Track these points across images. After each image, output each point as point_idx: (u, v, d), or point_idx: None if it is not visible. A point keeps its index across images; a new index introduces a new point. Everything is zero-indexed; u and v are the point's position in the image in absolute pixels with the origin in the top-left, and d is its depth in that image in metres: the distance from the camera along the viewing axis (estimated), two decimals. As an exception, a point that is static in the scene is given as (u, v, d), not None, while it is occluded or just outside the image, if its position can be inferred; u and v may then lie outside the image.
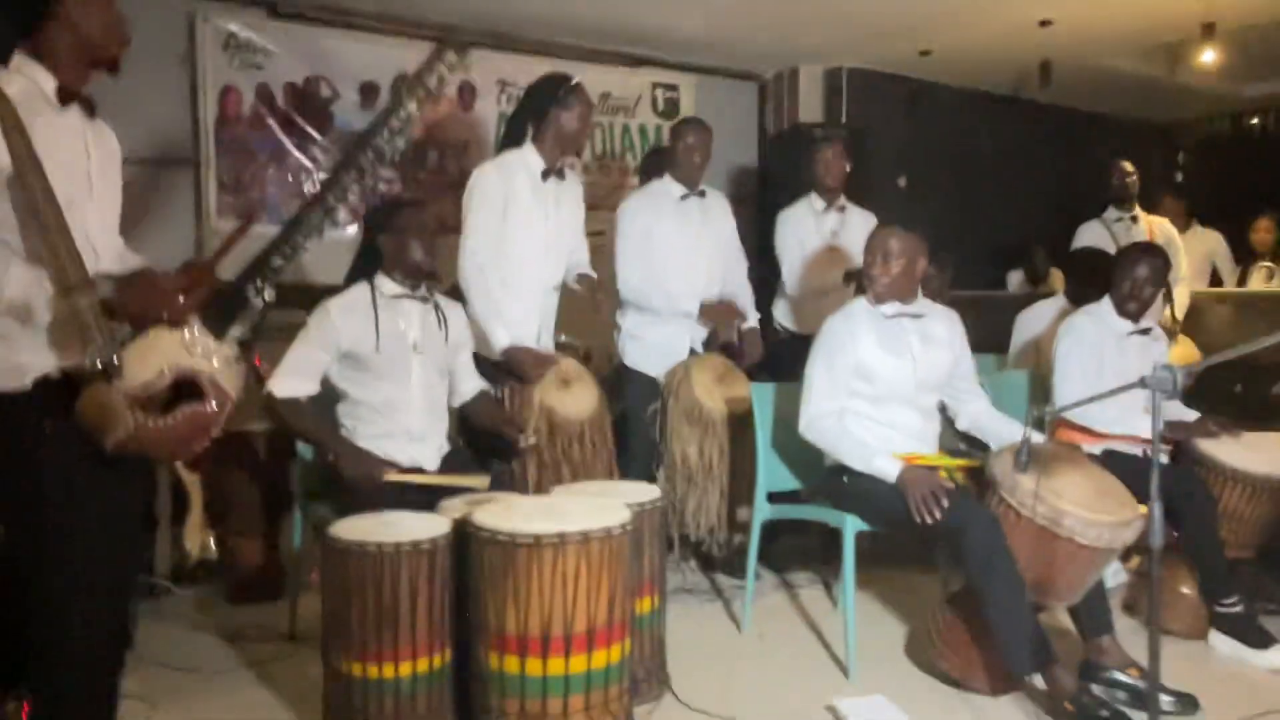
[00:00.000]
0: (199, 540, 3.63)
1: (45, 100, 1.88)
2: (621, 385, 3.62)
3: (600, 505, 2.37)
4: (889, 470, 2.74)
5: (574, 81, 3.32)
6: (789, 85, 6.75)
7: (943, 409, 3.10)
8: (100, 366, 1.79)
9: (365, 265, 2.89)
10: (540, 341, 3.37)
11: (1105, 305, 3.39)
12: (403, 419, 2.84)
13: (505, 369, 3.20)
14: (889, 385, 2.89)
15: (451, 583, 2.34)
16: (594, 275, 3.46)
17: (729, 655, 3.07)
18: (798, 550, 3.95)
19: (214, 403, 1.94)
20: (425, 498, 2.65)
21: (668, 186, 3.74)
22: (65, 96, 1.91)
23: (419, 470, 2.81)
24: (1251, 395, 4.38)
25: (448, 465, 2.92)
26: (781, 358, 4.10)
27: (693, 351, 3.71)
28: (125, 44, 1.95)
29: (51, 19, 1.87)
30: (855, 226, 4.24)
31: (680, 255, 3.67)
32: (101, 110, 2.03)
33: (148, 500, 3.41)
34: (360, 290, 2.85)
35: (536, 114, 3.30)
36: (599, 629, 2.22)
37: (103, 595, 1.94)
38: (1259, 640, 3.02)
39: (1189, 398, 3.53)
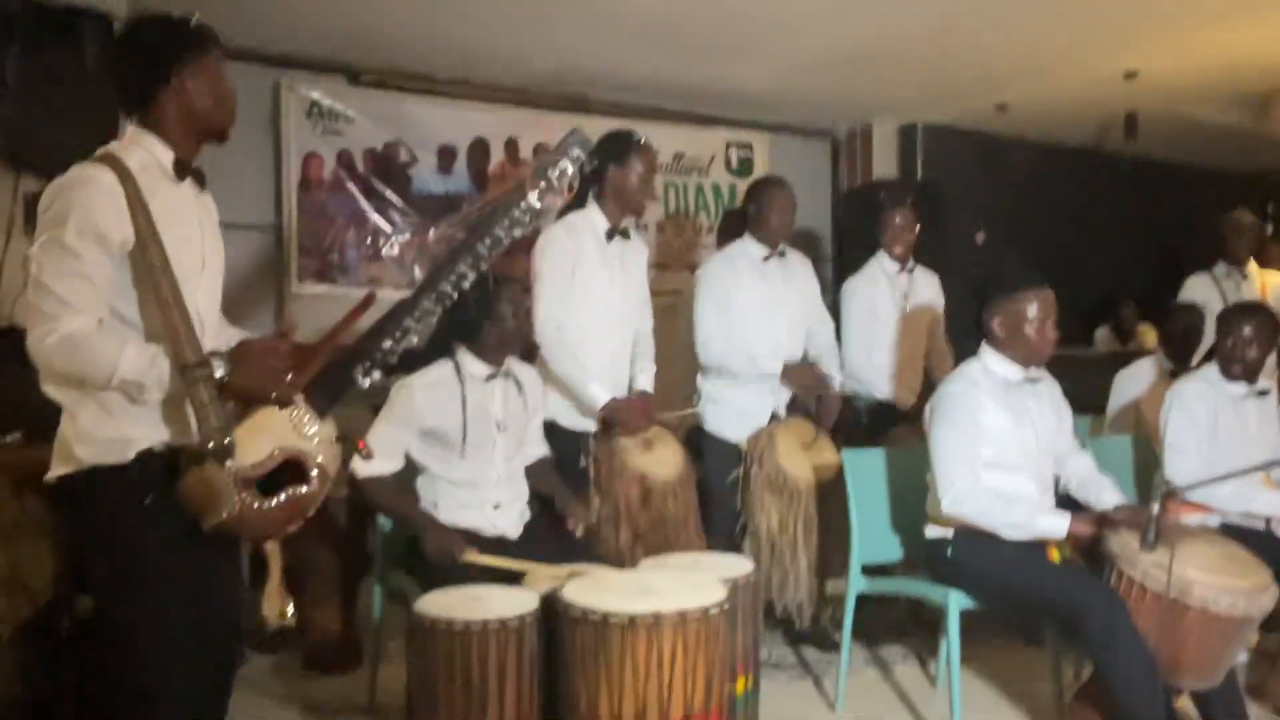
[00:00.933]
0: (278, 607, 3.59)
1: (163, 173, 1.88)
2: (702, 451, 3.52)
3: (694, 582, 2.27)
4: (1058, 527, 2.60)
5: (637, 139, 3.25)
6: (862, 142, 6.70)
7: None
8: (215, 447, 1.76)
9: (451, 339, 2.82)
10: None
11: (1213, 369, 3.22)
12: (485, 493, 2.79)
13: (581, 436, 3.14)
14: (1011, 454, 2.72)
15: (541, 661, 2.25)
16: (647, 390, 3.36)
17: (825, 737, 2.92)
18: (887, 622, 3.78)
19: (316, 485, 1.91)
20: (510, 574, 2.58)
21: (748, 247, 3.65)
22: (181, 169, 1.91)
23: (501, 541, 2.74)
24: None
25: (530, 533, 2.85)
26: (863, 424, 3.98)
27: (775, 416, 3.59)
28: (233, 115, 1.96)
29: (165, 90, 1.87)
30: (924, 286, 4.12)
31: (762, 317, 3.58)
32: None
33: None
34: (444, 369, 2.78)
35: (598, 173, 3.25)
36: (696, 713, 2.11)
37: (196, 674, 1.90)
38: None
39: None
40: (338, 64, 5.08)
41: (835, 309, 4.24)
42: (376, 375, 2.06)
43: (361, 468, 2.73)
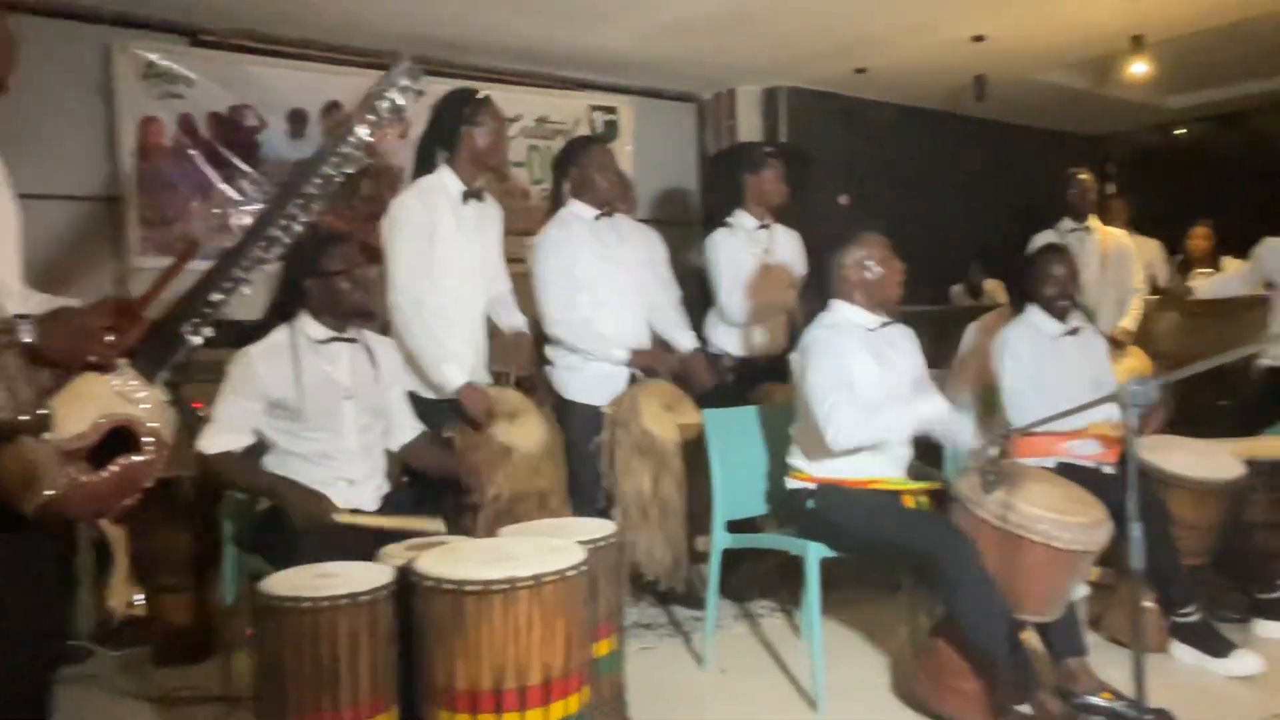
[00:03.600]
0: (125, 597, 3.41)
1: None
2: (563, 419, 3.48)
3: (552, 546, 2.24)
4: (935, 407, 2.72)
5: (481, 95, 3.20)
6: (726, 105, 6.73)
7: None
8: (29, 419, 1.62)
9: (285, 307, 2.70)
10: (478, 375, 3.25)
11: (1032, 311, 3.36)
12: (338, 467, 2.68)
13: (447, 406, 3.07)
14: (875, 398, 2.77)
15: (397, 636, 2.18)
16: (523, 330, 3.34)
17: (692, 693, 2.96)
18: (756, 578, 3.85)
19: (150, 452, 1.79)
20: (367, 546, 2.50)
21: (577, 210, 3.59)
22: None
23: (360, 512, 2.65)
24: (1191, 403, 4.39)
25: (388, 507, 2.76)
26: (728, 382, 4.01)
27: (634, 378, 3.57)
28: (8, 63, 1.79)
29: None
30: (783, 244, 4.17)
31: (603, 281, 3.52)
32: (15, 146, 1.89)
33: (67, 559, 3.20)
34: (282, 335, 2.67)
35: (446, 135, 3.18)
36: (555, 678, 2.09)
37: (10, 678, 1.76)
38: (1219, 648, 2.99)
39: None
40: (176, 24, 4.78)
41: (700, 271, 4.26)
42: (206, 332, 1.95)
43: (210, 445, 2.60)
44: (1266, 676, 2.88)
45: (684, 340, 3.82)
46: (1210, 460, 3.26)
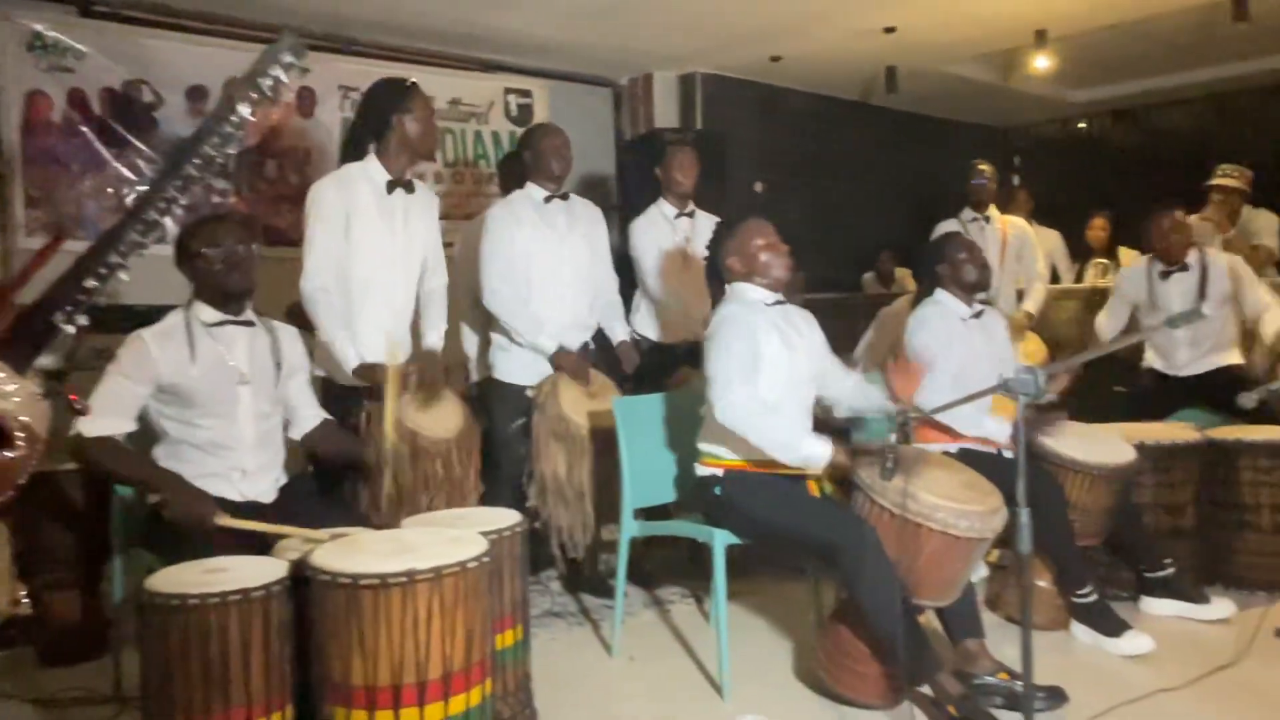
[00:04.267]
0: (8, 595, 3.24)
1: None
2: (489, 399, 3.45)
3: (453, 537, 2.20)
4: (822, 453, 2.64)
5: (412, 83, 3.17)
6: (643, 91, 6.71)
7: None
8: None
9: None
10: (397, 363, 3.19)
11: (942, 295, 3.43)
12: (232, 457, 2.59)
13: (361, 391, 3.00)
14: (781, 378, 2.77)
15: (292, 633, 2.12)
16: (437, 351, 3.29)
17: (600, 682, 2.94)
18: (667, 564, 3.86)
19: (22, 447, 1.70)
20: (262, 539, 2.42)
21: (529, 193, 3.60)
22: None
23: (254, 508, 2.57)
24: (1087, 389, 4.54)
25: (286, 497, 2.69)
26: (645, 368, 4.01)
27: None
28: None
29: None
30: (705, 231, 4.17)
31: (547, 265, 3.52)
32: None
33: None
34: (175, 317, 2.59)
35: (376, 123, 3.14)
36: (456, 672, 2.05)
37: None
38: (1114, 628, 3.09)
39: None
40: (65, -8, 4.58)
41: (622, 258, 4.24)
42: (82, 320, 1.85)
43: (90, 427, 2.45)
44: (1156, 654, 2.99)
45: (618, 331, 3.85)
46: (1103, 445, 3.36)
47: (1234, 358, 4.18)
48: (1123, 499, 3.36)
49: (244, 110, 1.95)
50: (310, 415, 2.86)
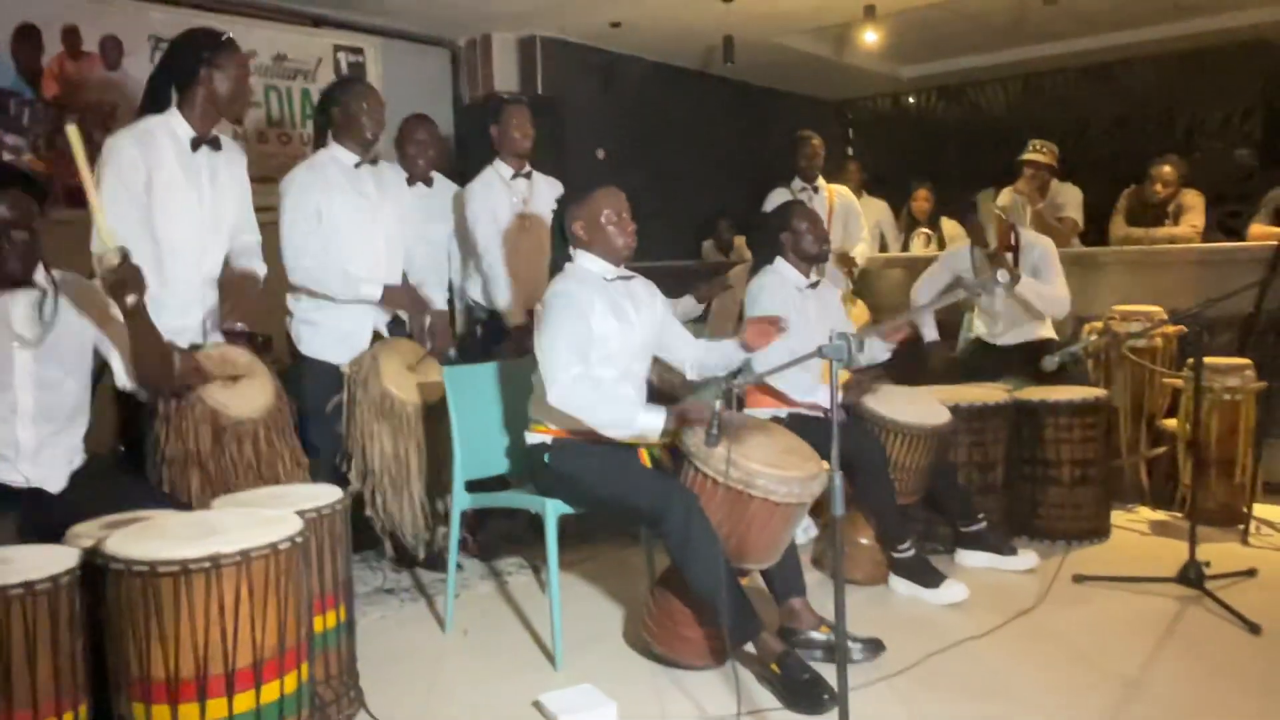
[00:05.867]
0: None
1: None
2: (299, 377, 3.28)
3: (265, 518, 2.09)
4: (655, 424, 2.63)
5: (227, 37, 2.96)
6: (482, 53, 6.54)
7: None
8: None
9: None
10: (206, 334, 3.00)
11: (781, 264, 3.50)
12: (4, 430, 2.35)
13: None
14: (614, 354, 2.76)
15: (85, 626, 1.97)
16: (258, 273, 3.12)
17: (431, 659, 2.88)
18: (506, 535, 3.82)
19: None
20: (54, 523, 2.23)
21: (336, 154, 3.40)
22: None
23: (38, 496, 2.36)
24: (911, 353, 4.76)
25: (79, 483, 2.48)
26: (477, 337, 3.93)
27: (377, 336, 3.43)
28: None
29: None
30: (543, 194, 4.11)
31: (357, 230, 3.36)
32: None
33: None
34: None
35: (182, 75, 2.91)
36: (268, 659, 1.96)
37: None
38: (932, 580, 3.25)
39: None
40: None
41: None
42: None
43: None
44: (968, 602, 3.17)
45: (436, 298, 3.73)
46: (922, 407, 3.52)
47: (1046, 331, 4.44)
48: (940, 458, 3.54)
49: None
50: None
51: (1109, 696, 2.51)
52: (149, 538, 1.98)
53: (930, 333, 4.63)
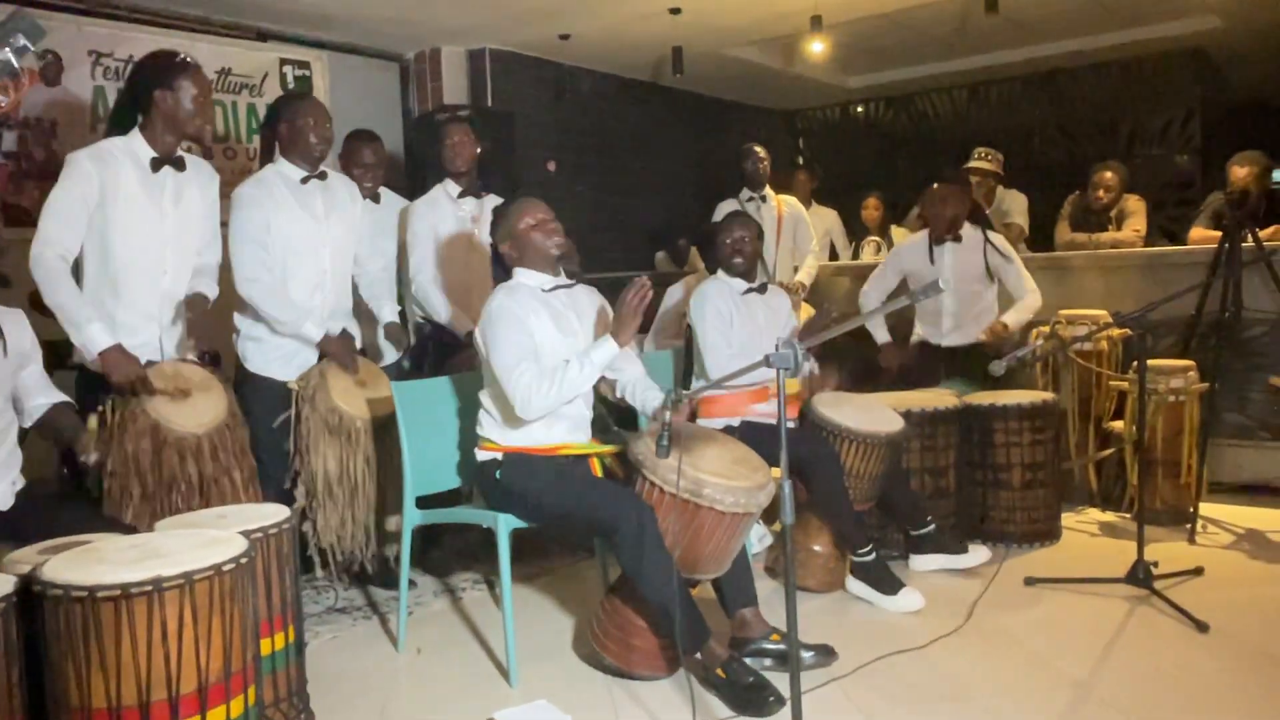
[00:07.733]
0: None
1: None
2: (245, 394, 3.22)
3: (209, 539, 2.05)
4: (610, 351, 2.67)
5: (183, 58, 2.96)
6: (431, 66, 6.51)
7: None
8: None
9: None
10: (162, 351, 2.98)
11: (722, 273, 3.59)
12: None
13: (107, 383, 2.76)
14: (554, 363, 2.73)
15: (20, 655, 1.92)
16: (208, 296, 3.10)
17: (384, 678, 2.84)
18: (459, 551, 3.79)
19: None
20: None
21: (283, 169, 3.35)
22: None
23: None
24: (864, 360, 4.81)
25: (24, 502, 2.44)
26: (424, 353, 3.90)
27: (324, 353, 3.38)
28: None
29: None
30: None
31: (305, 249, 3.31)
32: None
33: None
34: None
35: (142, 98, 2.92)
36: (213, 684, 1.92)
37: None
38: (890, 587, 3.26)
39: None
40: None
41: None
42: None
43: None
44: (923, 608, 3.19)
45: (386, 311, 3.69)
46: (875, 414, 3.55)
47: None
48: (893, 464, 3.57)
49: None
50: (40, 402, 2.63)
51: (1061, 697, 2.54)
52: (88, 562, 1.93)
53: (881, 334, 4.69)
